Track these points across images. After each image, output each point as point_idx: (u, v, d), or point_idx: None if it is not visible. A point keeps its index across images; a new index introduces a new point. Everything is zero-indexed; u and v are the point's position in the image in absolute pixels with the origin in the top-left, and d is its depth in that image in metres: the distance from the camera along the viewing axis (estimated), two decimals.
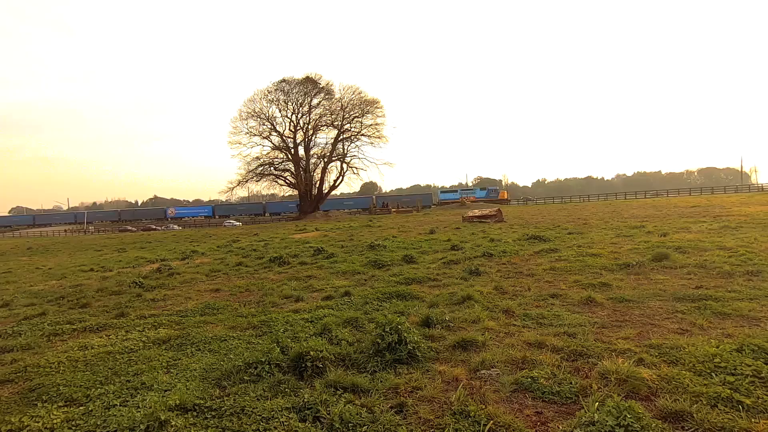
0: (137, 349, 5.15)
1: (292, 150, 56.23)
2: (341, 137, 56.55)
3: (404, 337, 4.21)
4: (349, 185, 62.84)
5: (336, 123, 56.19)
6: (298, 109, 55.59)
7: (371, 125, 56.57)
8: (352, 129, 56.71)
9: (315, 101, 56.03)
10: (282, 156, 56.90)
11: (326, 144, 57.74)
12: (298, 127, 56.18)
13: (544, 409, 3.15)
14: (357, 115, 56.13)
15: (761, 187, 61.12)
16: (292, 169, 56.17)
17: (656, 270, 7.70)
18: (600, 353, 4.00)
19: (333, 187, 58.80)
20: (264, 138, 56.13)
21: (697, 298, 5.71)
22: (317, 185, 57.34)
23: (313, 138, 57.24)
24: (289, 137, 56.36)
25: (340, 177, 57.47)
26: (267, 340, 4.90)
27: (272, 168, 56.34)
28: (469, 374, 3.79)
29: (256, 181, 55.94)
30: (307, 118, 56.25)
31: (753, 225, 13.31)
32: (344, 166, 57.31)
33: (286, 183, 57.26)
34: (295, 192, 57.63)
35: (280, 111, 55.79)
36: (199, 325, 6.11)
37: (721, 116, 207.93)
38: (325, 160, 56.91)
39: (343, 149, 57.34)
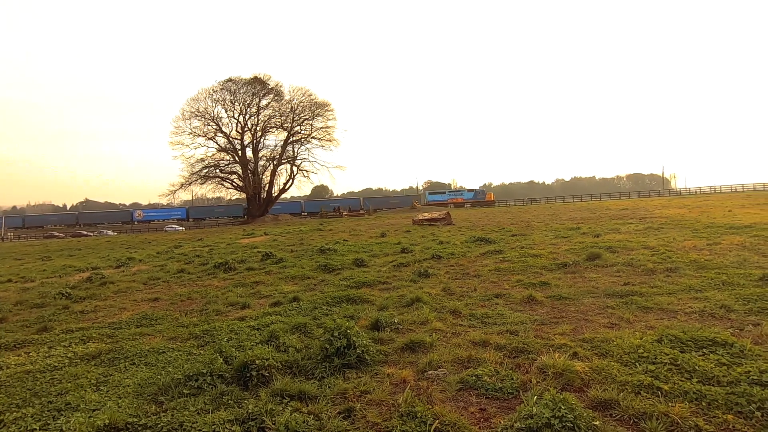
0: (62, 366, 4.72)
1: (240, 152, 54.48)
2: (291, 139, 55.64)
3: (353, 342, 4.20)
4: (300, 188, 62.02)
5: (286, 125, 55.21)
6: (246, 110, 54.05)
7: (322, 128, 56.22)
8: (303, 131, 56.00)
9: (264, 102, 54.77)
10: (228, 158, 54.97)
11: (275, 146, 56.59)
12: (245, 129, 54.60)
13: (488, 405, 3.26)
14: (307, 117, 55.51)
15: (679, 192, 69.48)
16: (240, 171, 54.40)
17: (590, 269, 8.25)
18: (539, 349, 4.21)
19: (283, 191, 57.66)
20: (209, 139, 54.01)
21: (624, 294, 6.19)
22: (266, 188, 55.90)
23: (261, 140, 55.87)
24: (236, 138, 54.58)
25: (290, 180, 56.53)
26: (210, 350, 4.67)
27: (218, 170, 54.26)
28: (417, 375, 3.84)
29: (201, 183, 53.61)
30: (256, 119, 54.84)
31: (672, 226, 14.66)
32: (294, 168, 56.40)
33: (233, 186, 55.33)
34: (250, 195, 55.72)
35: (226, 111, 53.94)
36: (135, 337, 5.72)
37: (647, 127, 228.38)
38: (275, 162, 55.70)
39: (293, 152, 56.47)
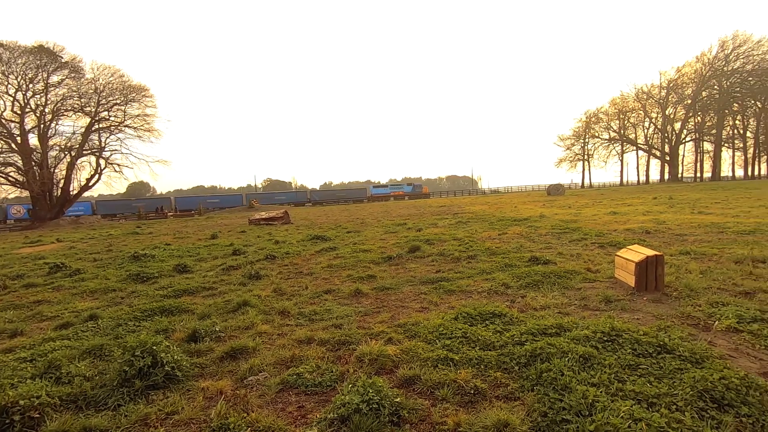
0: None
1: (19, 138, 42.90)
2: (96, 127, 46.52)
3: (160, 359, 3.72)
4: (110, 185, 52.29)
5: (88, 109, 45.83)
6: (27, 86, 42.89)
7: (138, 116, 48.45)
8: (112, 118, 47.38)
9: (54, 78, 44.26)
10: (2, 145, 42.69)
11: (74, 134, 46.42)
12: (27, 110, 43.30)
13: (307, 401, 3.29)
14: (118, 102, 47.17)
15: (484, 191, 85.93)
16: (20, 163, 42.86)
17: (411, 260, 9.17)
18: (360, 339, 4.46)
19: (86, 188, 47.75)
20: None
21: (435, 281, 7.07)
22: (61, 185, 45.52)
23: (53, 125, 45.16)
24: (12, 121, 42.76)
25: (97, 175, 47.17)
26: None
27: None
28: (235, 384, 3.63)
29: None
30: (43, 99, 44.02)
31: (476, 220, 17.48)
32: (102, 161, 47.30)
33: (10, 182, 43.33)
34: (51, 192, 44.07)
35: None
36: None
37: (462, 135, 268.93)
38: (73, 153, 45.70)
39: (100, 142, 47.33)
